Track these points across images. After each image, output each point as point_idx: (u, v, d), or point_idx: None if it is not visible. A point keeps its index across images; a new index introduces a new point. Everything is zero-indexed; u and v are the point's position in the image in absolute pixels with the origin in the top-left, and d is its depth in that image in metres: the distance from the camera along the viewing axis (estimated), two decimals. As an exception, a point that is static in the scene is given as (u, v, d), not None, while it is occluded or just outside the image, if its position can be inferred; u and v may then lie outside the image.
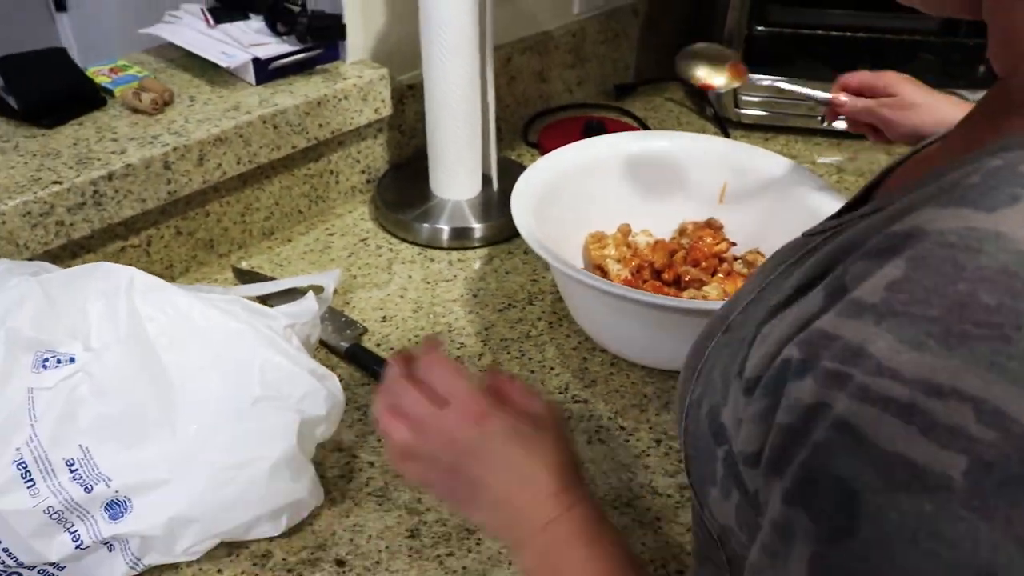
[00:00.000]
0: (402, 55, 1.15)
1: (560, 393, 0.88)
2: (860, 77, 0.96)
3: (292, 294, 0.93)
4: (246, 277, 1.01)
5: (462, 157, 1.11)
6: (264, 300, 0.95)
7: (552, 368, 0.91)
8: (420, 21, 1.02)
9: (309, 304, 0.85)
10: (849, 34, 1.31)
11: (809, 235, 0.48)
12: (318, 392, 0.73)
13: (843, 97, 0.96)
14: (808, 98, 1.00)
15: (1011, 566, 0.30)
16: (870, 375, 0.32)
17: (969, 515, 0.30)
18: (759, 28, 1.31)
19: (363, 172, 1.16)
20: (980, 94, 0.43)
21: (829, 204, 0.94)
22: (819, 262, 0.40)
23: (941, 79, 1.34)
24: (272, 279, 0.99)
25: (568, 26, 1.37)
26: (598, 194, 1.03)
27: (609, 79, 1.48)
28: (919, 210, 0.34)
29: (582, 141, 1.07)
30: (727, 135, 1.37)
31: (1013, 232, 0.31)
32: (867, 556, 0.32)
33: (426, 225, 1.10)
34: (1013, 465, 0.30)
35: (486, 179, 1.15)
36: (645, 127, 1.37)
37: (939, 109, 0.92)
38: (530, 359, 0.92)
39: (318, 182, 1.11)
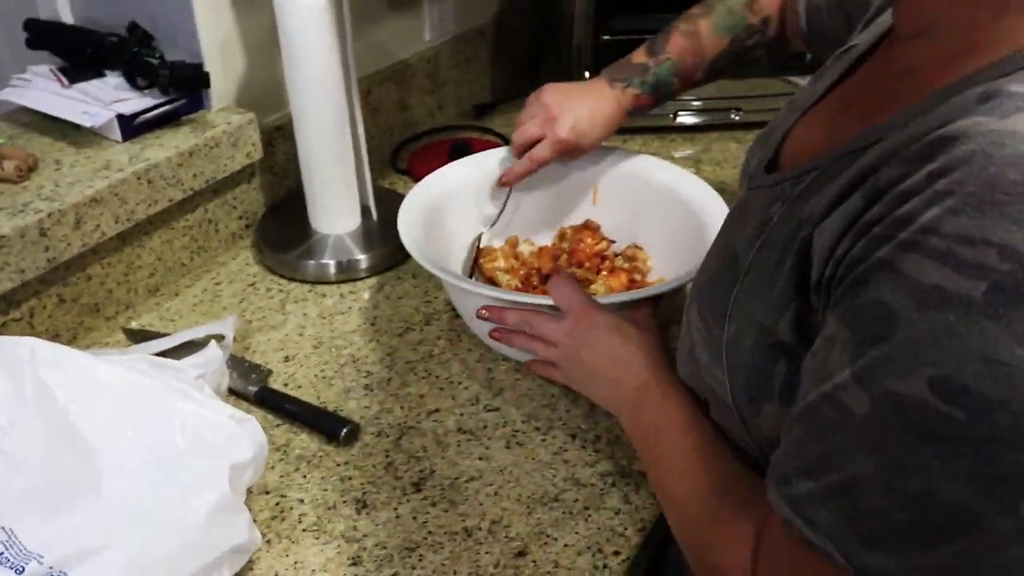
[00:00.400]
0: (266, 97, 1.16)
1: (472, 404, 0.91)
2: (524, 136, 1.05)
3: (191, 347, 0.93)
4: (138, 336, 0.99)
5: (339, 191, 1.12)
6: (164, 356, 0.94)
7: (460, 382, 0.94)
8: (283, 62, 1.03)
9: (214, 352, 0.85)
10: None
11: (773, 184, 0.62)
12: (241, 436, 0.73)
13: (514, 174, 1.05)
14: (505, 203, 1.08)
15: (1007, 354, 0.41)
16: (914, 233, 0.44)
17: (982, 320, 0.41)
18: (605, 38, 1.38)
19: (241, 218, 1.16)
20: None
21: (696, 190, 1.01)
22: (842, 183, 0.51)
23: (774, 69, 1.45)
24: (166, 335, 0.98)
25: (422, 53, 1.41)
26: (477, 211, 1.07)
27: (466, 101, 1.53)
28: (941, 127, 0.45)
29: (455, 162, 1.11)
30: (587, 142, 1.43)
31: None
32: (897, 354, 0.44)
33: (311, 262, 1.10)
34: (1020, 287, 0.41)
35: (365, 210, 1.17)
36: (508, 143, 1.42)
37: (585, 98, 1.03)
38: (437, 377, 0.95)
39: (198, 232, 1.11)
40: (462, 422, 0.89)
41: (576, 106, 1.02)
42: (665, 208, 1.04)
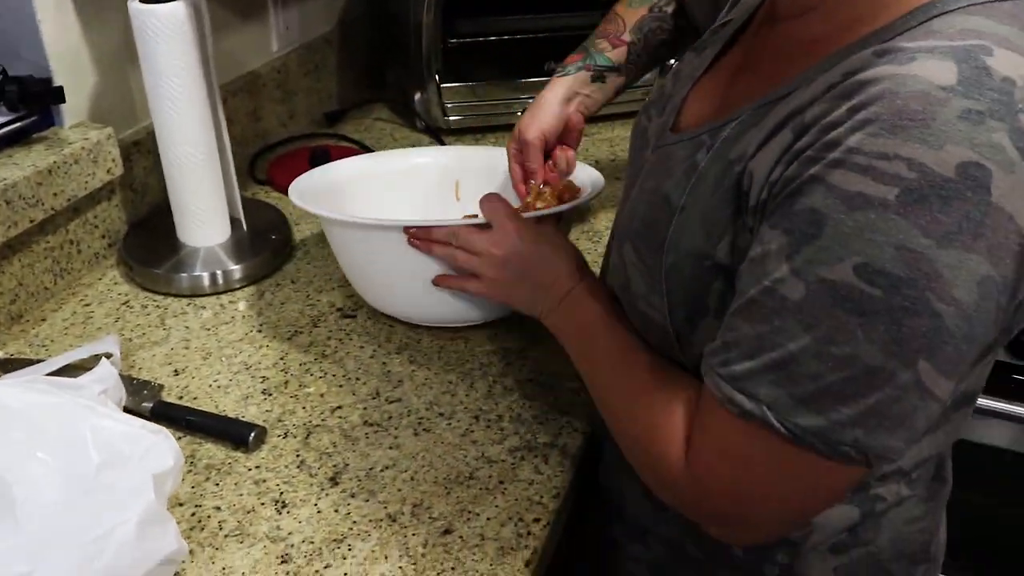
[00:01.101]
0: (121, 112, 1.13)
1: (373, 399, 0.93)
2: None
3: (73, 371, 0.90)
4: (10, 366, 0.94)
5: (208, 203, 1.11)
6: (47, 380, 0.90)
7: (358, 378, 0.96)
8: (144, 74, 1.01)
9: (108, 368, 0.83)
10: (532, 35, 1.46)
11: (691, 138, 0.71)
12: (159, 446, 0.72)
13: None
14: None
15: (914, 243, 0.51)
16: (842, 152, 0.53)
17: (895, 217, 0.52)
18: (452, 41, 1.42)
19: (103, 237, 1.12)
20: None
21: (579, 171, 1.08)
22: (768, 126, 0.61)
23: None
24: (40, 361, 0.94)
25: (272, 63, 1.40)
26: (357, 203, 1.08)
27: (316, 108, 1.53)
28: (854, 75, 0.55)
29: (322, 167, 1.12)
30: (441, 141, 1.47)
31: (923, 73, 0.53)
32: (827, 247, 0.54)
33: (184, 275, 1.08)
34: (924, 190, 0.51)
35: (234, 221, 1.16)
36: (366, 148, 1.44)
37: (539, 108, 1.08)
38: (334, 375, 0.96)
39: (60, 254, 1.06)
40: (367, 415, 0.90)
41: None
42: None
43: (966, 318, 0.53)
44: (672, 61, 1.47)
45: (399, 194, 1.12)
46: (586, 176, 1.08)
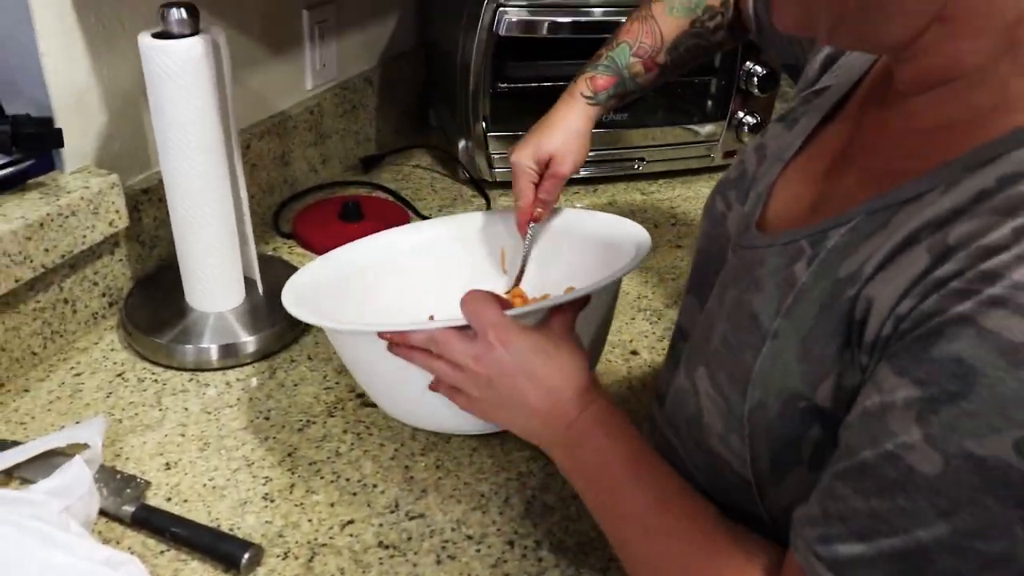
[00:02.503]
0: (132, 156, 1.01)
1: (391, 512, 0.79)
2: (526, 188, 0.98)
3: (48, 458, 0.78)
4: (-23, 448, 0.82)
5: (220, 263, 0.98)
6: (14, 474, 0.78)
7: (375, 485, 0.82)
8: (152, 118, 0.89)
9: (79, 472, 0.70)
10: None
11: (784, 243, 0.58)
12: (124, 587, 0.59)
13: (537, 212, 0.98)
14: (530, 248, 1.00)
15: None
16: (1005, 288, 0.42)
17: None
18: (502, 86, 1.30)
19: (103, 295, 1.00)
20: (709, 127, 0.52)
21: (619, 227, 0.94)
22: (894, 239, 0.49)
23: (671, 115, 1.41)
24: (16, 444, 0.81)
25: (304, 103, 1.29)
26: (383, 291, 0.96)
27: (352, 153, 1.41)
28: (1015, 183, 0.45)
29: (353, 244, 0.98)
30: (485, 196, 1.34)
31: None
32: (977, 412, 0.42)
33: (190, 346, 0.96)
34: None
35: (249, 283, 1.03)
36: (402, 199, 1.32)
37: (559, 128, 0.97)
38: (348, 480, 0.82)
39: (51, 315, 0.94)
40: (382, 534, 0.77)
41: (532, 137, 0.97)
42: (589, 253, 0.95)
43: None
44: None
45: (430, 272, 0.99)
46: (629, 235, 0.91)
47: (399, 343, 0.74)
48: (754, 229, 0.64)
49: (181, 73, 0.86)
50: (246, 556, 0.72)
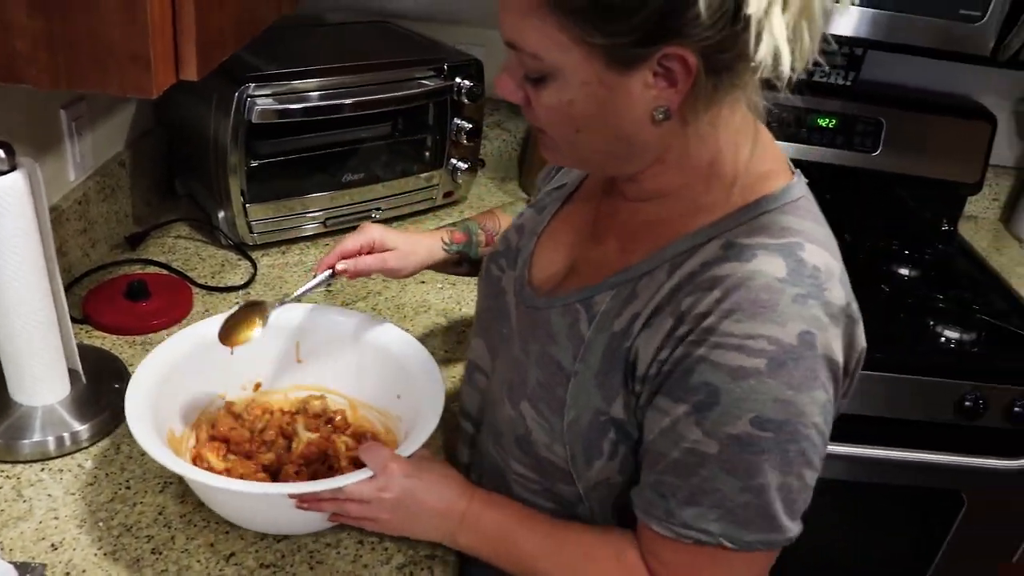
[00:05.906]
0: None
1: (262, 539, 0.98)
2: (355, 241, 1.10)
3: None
4: None
5: (44, 359, 1.09)
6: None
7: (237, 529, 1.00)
8: (-22, 247, 1.00)
9: None
10: (328, 151, 1.54)
11: (562, 306, 0.86)
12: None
13: (342, 265, 1.08)
14: (319, 284, 1.08)
15: (784, 395, 0.71)
16: (719, 336, 0.72)
17: (767, 380, 0.71)
18: (253, 163, 1.46)
19: (-68, 407, 1.08)
20: (429, 174, 1.25)
21: (392, 335, 1.12)
22: (648, 306, 0.78)
23: (397, 168, 1.65)
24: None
25: (71, 195, 1.39)
26: (196, 386, 1.09)
27: (116, 232, 1.52)
28: (710, 268, 0.74)
29: (168, 340, 1.09)
30: (250, 259, 1.51)
31: (763, 268, 0.72)
32: (727, 411, 0.72)
33: (25, 441, 1.06)
34: (781, 357, 0.70)
35: (72, 373, 1.15)
36: (177, 272, 1.45)
37: (415, 241, 1.16)
38: (218, 523, 0.99)
39: None
40: (261, 557, 0.96)
41: (394, 230, 1.14)
42: (372, 355, 1.13)
43: (821, 432, 0.74)
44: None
45: (238, 364, 1.10)
46: (416, 357, 1.10)
47: (310, 500, 0.92)
48: (527, 288, 0.92)
49: (9, 208, 0.98)
50: (159, 601, 0.88)
